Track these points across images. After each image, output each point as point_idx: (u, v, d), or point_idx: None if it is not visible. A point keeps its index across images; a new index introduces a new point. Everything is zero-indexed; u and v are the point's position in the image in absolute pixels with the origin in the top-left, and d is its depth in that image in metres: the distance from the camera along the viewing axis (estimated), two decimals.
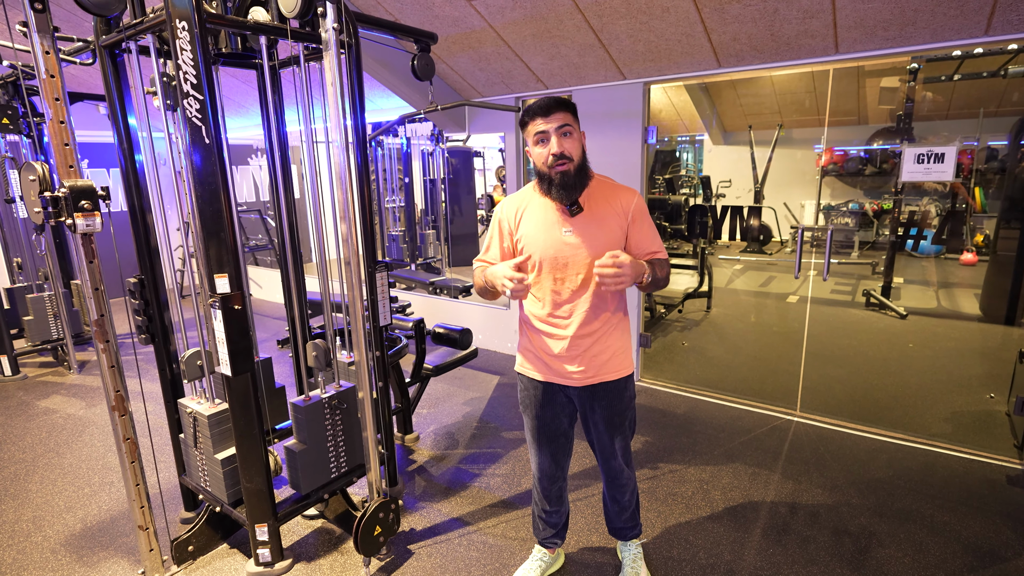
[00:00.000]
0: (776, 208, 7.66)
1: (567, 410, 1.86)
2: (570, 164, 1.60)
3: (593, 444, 1.90)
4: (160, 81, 1.98)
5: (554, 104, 1.59)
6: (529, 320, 1.81)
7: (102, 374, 1.85)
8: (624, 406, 1.82)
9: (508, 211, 1.77)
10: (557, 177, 1.61)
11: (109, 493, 2.67)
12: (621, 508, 1.98)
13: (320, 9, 1.76)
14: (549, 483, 1.94)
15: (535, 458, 1.93)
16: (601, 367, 1.74)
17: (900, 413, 3.30)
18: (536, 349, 1.80)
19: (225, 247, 1.78)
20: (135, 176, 2.14)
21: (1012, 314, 4.51)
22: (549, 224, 1.69)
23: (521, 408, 1.93)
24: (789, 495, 2.53)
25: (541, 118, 1.59)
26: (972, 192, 6.12)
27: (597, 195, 1.69)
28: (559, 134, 1.59)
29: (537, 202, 1.72)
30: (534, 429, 1.89)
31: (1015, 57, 4.46)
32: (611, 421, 1.81)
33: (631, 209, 1.69)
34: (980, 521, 2.32)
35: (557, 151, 1.58)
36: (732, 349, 4.62)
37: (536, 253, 1.70)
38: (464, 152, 8.04)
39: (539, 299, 1.76)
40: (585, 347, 1.73)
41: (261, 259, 7.62)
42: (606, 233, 1.66)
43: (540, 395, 1.83)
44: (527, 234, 1.72)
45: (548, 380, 1.80)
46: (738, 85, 7.03)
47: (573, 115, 1.63)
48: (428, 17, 3.29)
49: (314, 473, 2.18)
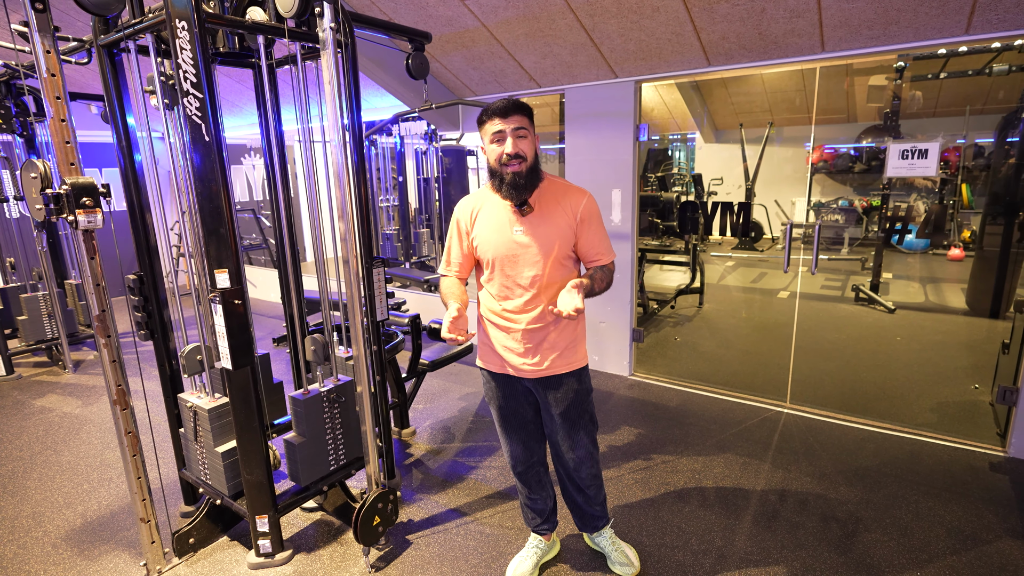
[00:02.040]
0: (767, 205, 7.75)
1: (529, 399, 1.91)
2: (523, 164, 1.67)
3: (548, 440, 1.96)
4: (158, 80, 2.00)
5: (512, 107, 1.65)
6: (485, 313, 1.87)
7: (104, 369, 1.88)
8: (581, 398, 1.86)
9: (463, 212, 1.83)
10: (508, 176, 1.67)
11: (108, 489, 2.69)
12: (587, 501, 2.01)
13: (317, 9, 1.80)
14: (524, 468, 1.99)
15: (506, 447, 1.99)
16: (556, 358, 1.80)
17: (887, 404, 3.38)
18: (492, 342, 1.86)
19: (225, 243, 1.81)
20: (134, 175, 2.16)
21: (996, 307, 4.61)
22: (501, 224, 1.75)
23: (487, 400, 1.99)
24: (779, 484, 2.59)
25: (499, 119, 1.65)
26: (959, 188, 6.22)
27: (548, 195, 1.75)
28: (515, 135, 1.65)
29: (491, 202, 1.79)
30: (500, 420, 1.95)
31: (999, 55, 4.55)
32: (566, 415, 1.85)
33: (580, 210, 1.74)
34: (963, 506, 2.39)
35: (512, 151, 1.65)
36: (724, 343, 4.69)
37: (489, 251, 1.77)
38: (457, 151, 8.08)
39: (492, 295, 1.83)
40: (537, 340, 1.78)
41: (255, 258, 7.62)
42: (555, 232, 1.72)
43: (500, 387, 1.90)
44: (481, 234, 1.78)
45: (504, 372, 1.86)
46: (729, 83, 7.11)
47: (530, 119, 1.70)
48: (422, 16, 3.33)
49: (313, 465, 2.21)
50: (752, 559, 2.10)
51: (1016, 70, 4.44)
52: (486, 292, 1.86)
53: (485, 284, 1.86)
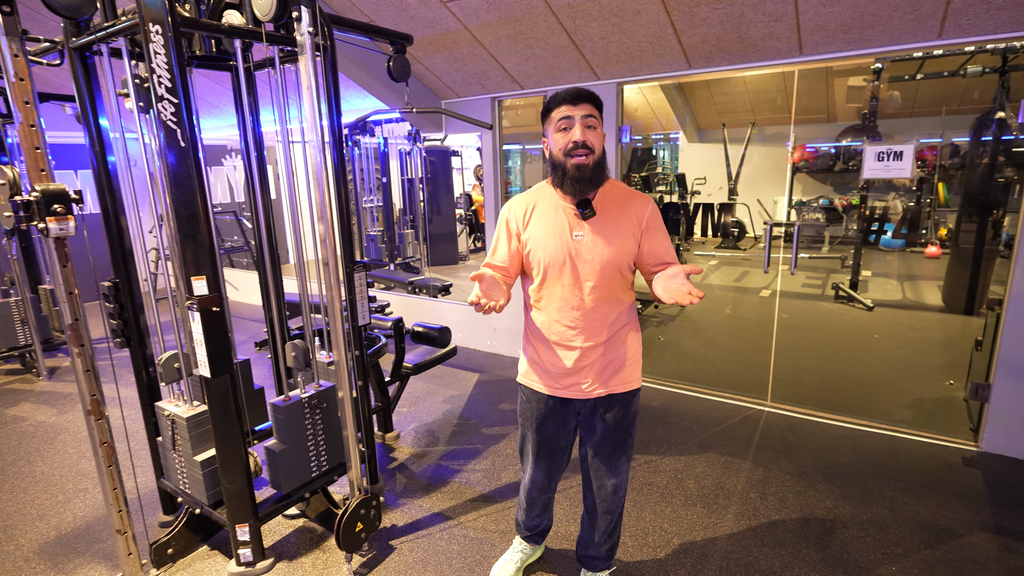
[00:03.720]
0: (750, 204, 7.84)
1: (570, 425, 1.78)
2: (590, 156, 1.53)
3: (586, 460, 1.81)
4: (132, 84, 1.97)
5: (584, 95, 1.54)
6: (535, 329, 1.72)
7: (77, 378, 1.84)
8: (629, 421, 1.74)
9: (516, 210, 1.67)
10: (572, 169, 1.54)
11: (84, 500, 2.64)
12: (600, 534, 1.88)
13: (295, 13, 1.78)
14: (539, 494, 1.90)
15: (529, 470, 1.86)
16: (610, 379, 1.68)
17: (866, 401, 3.44)
18: (542, 360, 1.71)
19: (202, 249, 1.79)
20: (108, 178, 2.12)
21: (971, 304, 4.71)
22: (559, 227, 1.61)
23: (520, 420, 1.84)
24: (759, 482, 2.62)
25: (568, 105, 1.53)
26: (936, 187, 6.34)
27: (611, 199, 1.62)
28: (584, 124, 1.53)
29: (548, 202, 1.64)
30: (534, 443, 1.81)
31: (973, 58, 4.65)
32: (613, 437, 1.73)
33: (646, 217, 1.62)
34: (937, 501, 2.44)
35: (580, 139, 1.52)
36: (707, 343, 4.74)
37: (544, 256, 1.61)
38: (442, 151, 8.05)
39: (544, 307, 1.67)
40: (594, 358, 1.65)
41: (237, 261, 7.53)
42: (619, 240, 1.59)
43: (543, 408, 1.75)
44: (535, 236, 1.63)
45: (553, 393, 1.72)
46: (711, 84, 7.17)
47: (599, 110, 1.58)
48: (404, 19, 3.31)
49: (295, 472, 2.19)
50: (733, 558, 2.13)
51: (989, 72, 4.55)
52: (536, 304, 1.70)
53: (534, 294, 1.70)
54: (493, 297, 1.46)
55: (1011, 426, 2.76)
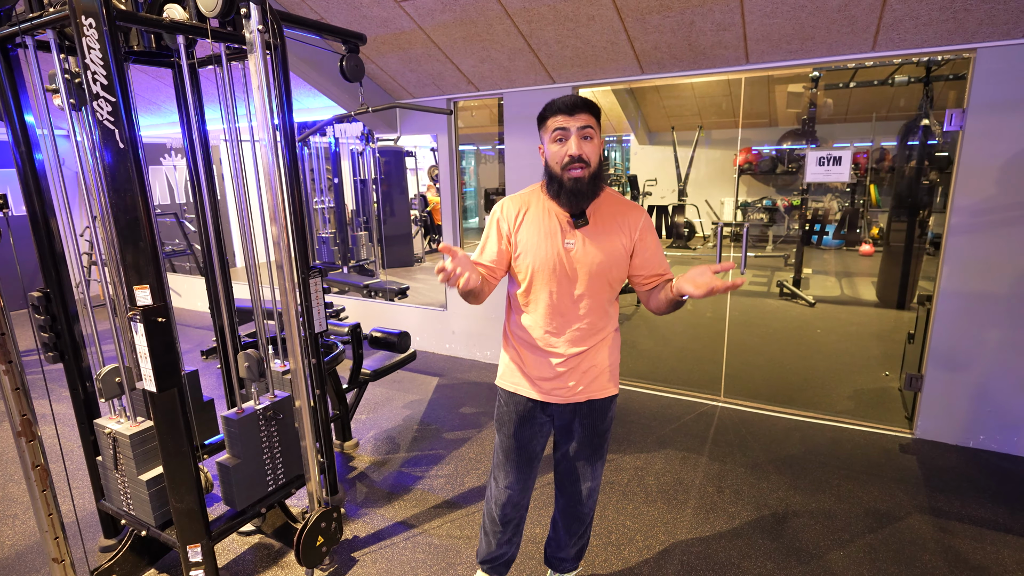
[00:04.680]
0: (698, 205, 8.09)
1: (545, 430, 1.76)
2: (586, 170, 1.50)
3: (560, 465, 1.81)
4: (62, 79, 1.84)
5: (581, 104, 1.48)
6: (519, 332, 1.69)
7: (4, 397, 1.70)
8: (606, 427, 1.75)
9: (508, 212, 1.63)
10: (569, 182, 1.50)
11: (12, 527, 2.45)
12: (572, 538, 1.88)
13: (244, 10, 1.70)
14: (512, 510, 1.81)
15: (503, 480, 1.79)
16: (591, 383, 1.67)
17: (811, 394, 3.61)
18: (524, 364, 1.69)
19: (145, 256, 1.68)
20: (35, 179, 1.97)
21: (903, 299, 5.03)
22: (550, 233, 1.57)
23: (496, 425, 1.80)
24: (716, 476, 2.71)
25: (564, 115, 1.48)
26: (868, 189, 6.73)
27: (605, 209, 1.59)
28: (580, 135, 1.48)
29: (540, 206, 1.61)
30: (510, 449, 1.76)
31: (899, 68, 4.96)
32: (591, 442, 1.74)
33: (639, 227, 1.60)
34: (878, 487, 2.59)
35: (575, 152, 1.48)
36: (661, 341, 4.86)
37: (532, 261, 1.58)
38: (396, 151, 7.92)
39: (531, 311, 1.64)
40: (577, 363, 1.64)
41: (179, 266, 7.17)
42: (610, 250, 1.58)
43: (522, 411, 1.72)
44: (525, 240, 1.60)
45: (533, 397, 1.69)
46: (661, 89, 7.36)
47: (597, 119, 1.53)
48: (356, 17, 3.23)
49: (250, 488, 2.10)
50: (693, 551, 2.19)
51: (914, 81, 4.87)
52: (520, 308, 1.67)
53: (521, 298, 1.66)
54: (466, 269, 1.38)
55: (942, 414, 2.96)
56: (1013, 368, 2.75)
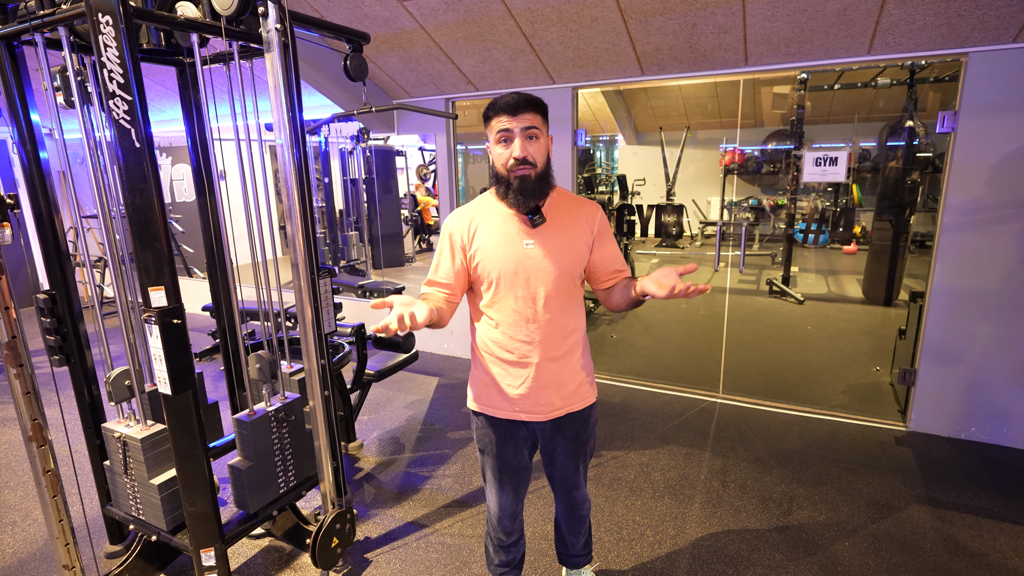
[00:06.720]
0: (686, 204, 8.19)
1: (529, 443, 1.71)
2: (531, 170, 1.47)
3: (553, 476, 1.78)
4: (74, 78, 1.80)
5: (523, 103, 1.44)
6: (486, 347, 1.61)
7: (16, 403, 1.66)
8: (589, 434, 1.72)
9: (459, 224, 1.57)
10: (516, 181, 1.47)
11: (12, 534, 2.39)
12: (577, 537, 1.91)
13: (261, 8, 1.69)
14: (510, 521, 1.79)
15: (496, 498, 1.75)
16: (568, 397, 1.62)
17: (806, 389, 3.69)
18: (496, 382, 1.61)
19: (160, 258, 1.66)
20: (41, 178, 1.93)
21: (889, 296, 5.16)
22: (509, 236, 1.53)
23: (478, 447, 1.74)
24: (720, 470, 2.75)
25: (507, 116, 1.44)
26: (851, 189, 6.87)
27: (560, 206, 1.57)
28: (524, 136, 1.45)
29: (494, 212, 1.56)
30: (496, 469, 1.71)
31: (883, 71, 5.08)
32: (576, 453, 1.71)
33: (596, 223, 1.58)
34: (877, 478, 2.65)
35: (520, 155, 1.45)
36: (657, 339, 4.91)
37: (494, 268, 1.53)
38: (385, 151, 7.88)
39: (497, 321, 1.57)
40: (552, 376, 1.58)
41: None
42: (571, 246, 1.55)
43: (501, 432, 1.66)
44: (482, 247, 1.54)
45: (510, 417, 1.62)
46: (649, 90, 7.43)
47: (543, 117, 1.49)
48: (357, 16, 3.22)
49: (262, 490, 2.09)
50: (704, 545, 2.22)
51: (896, 84, 5.00)
52: (487, 321, 1.59)
53: (486, 311, 1.59)
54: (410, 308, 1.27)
55: (935, 407, 3.05)
56: (1003, 362, 2.84)
